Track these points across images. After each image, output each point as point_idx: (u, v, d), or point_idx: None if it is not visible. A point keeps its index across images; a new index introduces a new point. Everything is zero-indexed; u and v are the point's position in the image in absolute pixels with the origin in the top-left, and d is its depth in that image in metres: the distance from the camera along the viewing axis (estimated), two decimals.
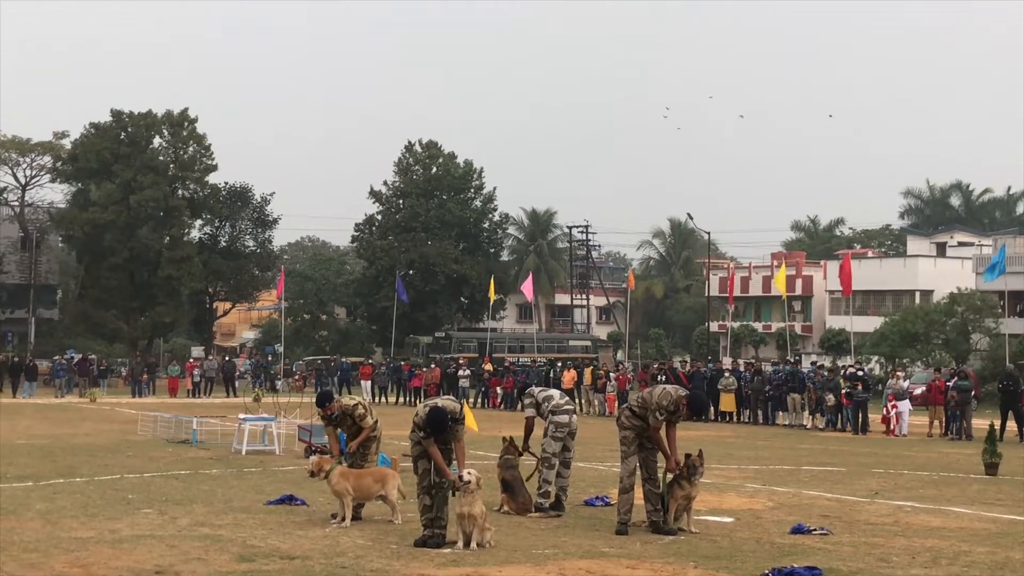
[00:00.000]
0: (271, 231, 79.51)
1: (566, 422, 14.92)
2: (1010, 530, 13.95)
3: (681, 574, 10.71)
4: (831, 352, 61.00)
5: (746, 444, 28.13)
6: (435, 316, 76.00)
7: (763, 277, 79.49)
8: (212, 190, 75.18)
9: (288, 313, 75.81)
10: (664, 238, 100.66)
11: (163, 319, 72.47)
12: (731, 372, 39.09)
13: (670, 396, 13.24)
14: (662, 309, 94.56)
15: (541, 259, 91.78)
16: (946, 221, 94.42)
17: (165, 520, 13.59)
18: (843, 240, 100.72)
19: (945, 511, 15.62)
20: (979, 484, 19.40)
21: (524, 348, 66.24)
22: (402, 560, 11.22)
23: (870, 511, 15.49)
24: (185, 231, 74.18)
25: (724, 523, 14.12)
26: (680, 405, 13.15)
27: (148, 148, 72.38)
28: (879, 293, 71.38)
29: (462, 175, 79.97)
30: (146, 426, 27.65)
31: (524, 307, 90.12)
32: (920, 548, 12.41)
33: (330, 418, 14.57)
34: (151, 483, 17.37)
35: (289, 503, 15.10)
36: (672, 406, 13.13)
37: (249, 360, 68.47)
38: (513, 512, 14.50)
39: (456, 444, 12.58)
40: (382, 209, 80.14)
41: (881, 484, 19.00)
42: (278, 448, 22.66)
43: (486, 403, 45.89)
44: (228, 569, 10.59)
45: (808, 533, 13.27)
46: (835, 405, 34.31)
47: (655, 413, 13.12)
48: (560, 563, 11.15)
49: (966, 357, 53.72)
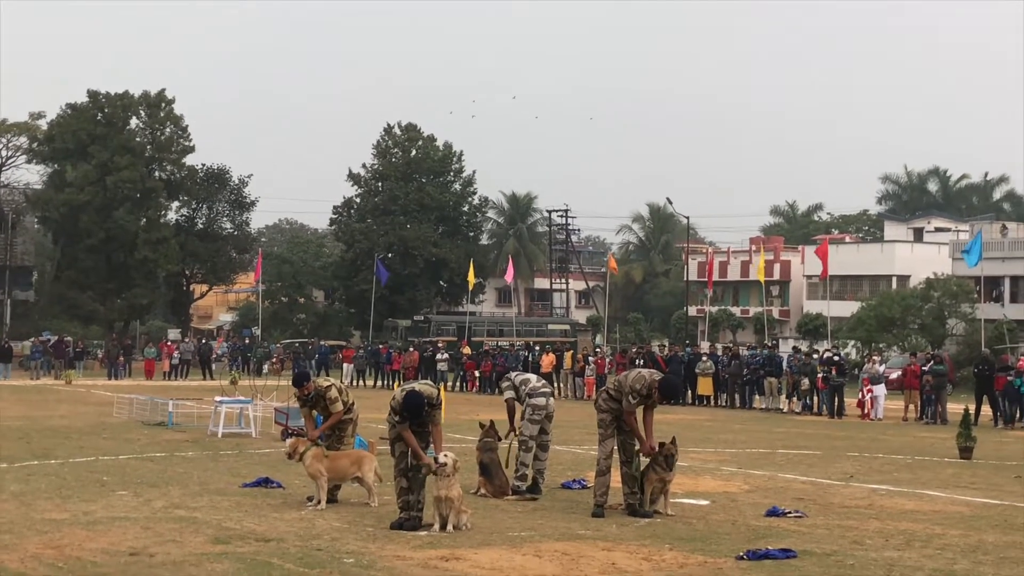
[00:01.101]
0: (248, 213, 79.48)
1: (543, 404, 14.93)
2: (983, 513, 14.04)
3: (656, 556, 10.73)
4: (808, 336, 61.18)
5: (723, 427, 28.22)
6: (414, 300, 75.91)
7: (741, 262, 79.72)
8: (189, 171, 74.93)
9: (265, 296, 75.60)
10: (643, 223, 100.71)
11: (139, 301, 72.23)
12: (709, 356, 39.18)
13: (644, 380, 13.27)
14: (641, 293, 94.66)
15: (520, 243, 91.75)
16: (923, 207, 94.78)
17: (140, 502, 13.55)
18: (821, 225, 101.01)
19: (919, 494, 15.71)
20: (953, 468, 19.52)
21: (503, 332, 66.24)
22: (378, 543, 11.21)
23: (845, 494, 15.56)
24: (162, 213, 73.95)
25: (700, 506, 14.17)
26: (653, 389, 13.18)
27: (125, 129, 72.07)
28: (856, 278, 71.66)
29: (441, 158, 79.82)
30: (122, 408, 27.55)
31: (503, 291, 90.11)
32: (894, 531, 12.47)
33: (306, 399, 14.55)
34: (126, 465, 17.32)
35: (265, 486, 15.07)
36: (645, 390, 13.16)
37: (226, 343, 68.26)
38: (490, 495, 14.51)
39: (433, 428, 12.57)
40: (361, 192, 79.94)
41: (856, 467, 19.10)
42: (254, 431, 22.61)
43: (464, 387, 45.88)
44: (203, 551, 10.57)
45: (783, 516, 13.32)
46: (811, 389, 34.47)
47: (628, 397, 13.16)
48: (536, 545, 11.17)
49: (942, 342, 53.96)
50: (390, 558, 10.41)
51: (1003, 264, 61.19)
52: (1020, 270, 62.62)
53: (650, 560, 10.55)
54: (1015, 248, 63.53)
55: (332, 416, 14.48)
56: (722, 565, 10.40)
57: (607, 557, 10.65)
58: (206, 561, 10.09)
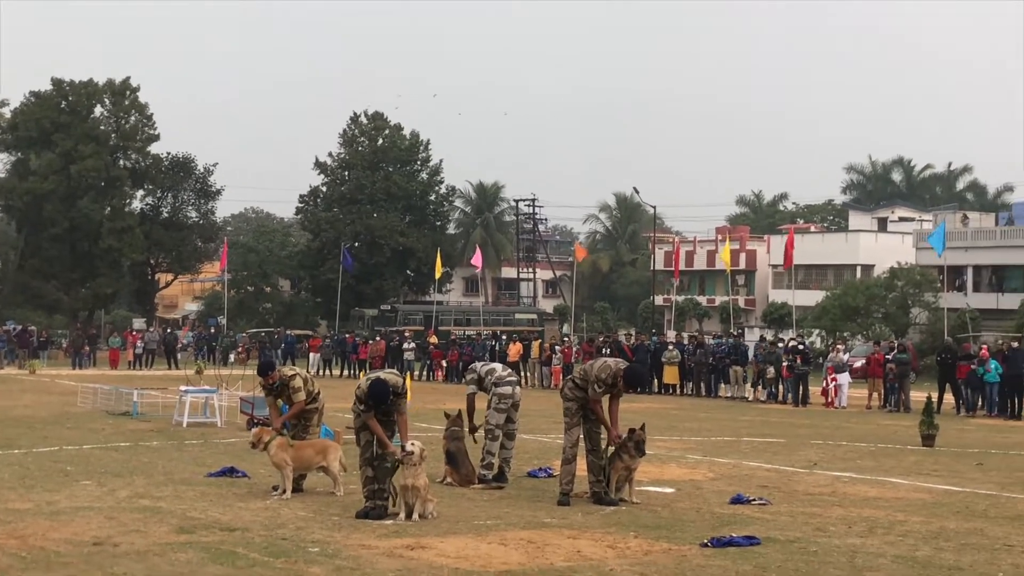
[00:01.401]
0: (214, 202, 79.14)
1: (509, 393, 14.94)
2: (945, 500, 14.18)
3: (622, 544, 10.78)
4: (773, 325, 61.50)
5: (688, 416, 28.34)
6: (380, 289, 75.78)
7: (708, 251, 79.95)
8: (154, 160, 74.50)
9: (231, 285, 75.31)
10: (610, 212, 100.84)
11: (104, 290, 71.80)
12: (675, 345, 39.33)
13: (609, 369, 13.32)
14: (608, 283, 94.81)
15: (488, 232, 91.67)
16: (888, 196, 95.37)
17: (104, 492, 13.49)
18: (786, 215, 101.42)
19: (882, 481, 15.84)
20: (916, 455, 19.68)
21: (470, 321, 66.20)
22: (343, 531, 11.21)
23: (808, 481, 15.68)
24: (126, 201, 73.51)
25: (665, 493, 14.24)
26: (618, 378, 13.23)
27: (89, 117, 71.58)
28: (821, 267, 72.04)
29: (408, 147, 79.63)
30: (86, 398, 27.39)
31: (470, 280, 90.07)
32: (857, 518, 12.57)
33: (271, 388, 14.51)
34: (90, 455, 17.23)
35: (230, 475, 15.03)
36: (610, 379, 13.21)
37: (192, 332, 67.94)
38: (456, 484, 14.53)
39: (399, 417, 12.56)
40: (327, 181, 79.65)
41: (820, 455, 19.23)
42: (220, 420, 22.54)
43: (431, 376, 45.87)
44: (167, 541, 10.53)
45: (747, 503, 13.41)
46: (776, 377, 34.67)
47: (594, 385, 13.21)
48: (502, 533, 11.19)
49: (905, 331, 54.35)
50: (355, 547, 10.41)
51: (966, 254, 61.62)
52: (983, 260, 63.14)
53: (615, 548, 10.60)
54: (978, 238, 64.05)
55: (294, 406, 14.45)
56: (686, 552, 10.46)
57: (572, 545, 10.68)
58: (170, 551, 10.06)
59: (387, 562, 9.78)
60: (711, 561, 10.05)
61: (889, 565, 10.06)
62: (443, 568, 9.57)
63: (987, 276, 63.89)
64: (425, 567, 9.59)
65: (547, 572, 9.51)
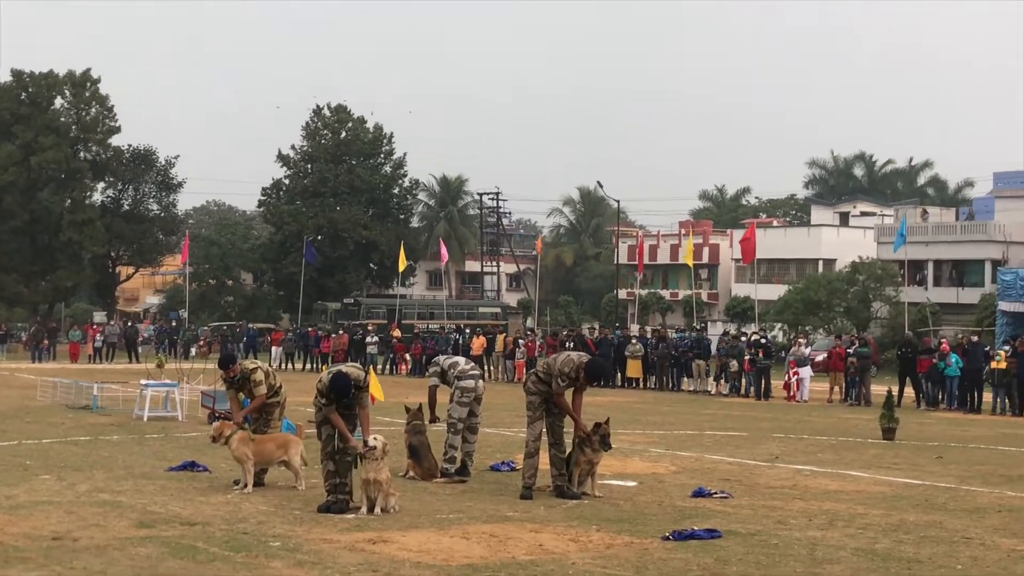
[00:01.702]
0: (176, 195, 78.59)
1: (472, 387, 14.92)
2: (905, 493, 14.28)
3: (584, 537, 10.80)
4: (736, 319, 61.75)
5: (651, 409, 28.43)
6: (344, 282, 75.50)
7: (671, 245, 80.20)
8: (115, 152, 73.94)
9: (193, 278, 74.87)
10: (574, 206, 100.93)
11: (64, 283, 71.24)
12: (638, 339, 39.41)
13: (572, 363, 13.34)
14: (572, 276, 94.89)
15: (451, 226, 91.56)
16: (849, 191, 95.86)
17: (64, 486, 13.39)
18: (749, 209, 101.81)
19: (843, 475, 15.94)
20: (876, 448, 19.82)
21: (434, 315, 66.07)
22: (305, 526, 11.17)
23: (770, 475, 15.76)
24: (87, 194, 72.93)
25: (627, 487, 14.27)
26: (580, 372, 13.25)
27: (49, 109, 70.99)
28: (783, 261, 72.40)
29: (372, 140, 79.34)
30: (46, 392, 27.18)
31: (434, 274, 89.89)
32: (817, 511, 12.65)
33: (232, 381, 14.42)
34: (50, 449, 17.10)
35: (191, 469, 14.96)
36: (574, 372, 13.23)
37: (153, 326, 67.51)
38: (418, 478, 14.51)
39: (360, 411, 12.53)
40: (290, 173, 79.24)
41: (781, 448, 19.33)
42: (181, 414, 22.42)
43: (394, 370, 45.79)
44: (127, 535, 10.47)
45: (709, 496, 13.47)
46: (739, 371, 34.82)
47: (557, 379, 13.23)
48: (464, 527, 11.19)
49: (867, 325, 54.72)
50: (317, 541, 10.38)
51: (926, 248, 62.13)
52: (943, 254, 63.65)
53: (577, 541, 10.61)
54: (939, 232, 64.57)
55: (255, 399, 14.36)
56: (648, 545, 10.48)
57: (534, 539, 10.69)
58: (130, 545, 10.00)
59: (349, 556, 9.76)
60: (673, 554, 10.08)
61: (849, 558, 10.12)
62: (405, 562, 9.55)
63: (947, 271, 64.44)
64: (387, 561, 9.58)
65: (509, 566, 9.51)
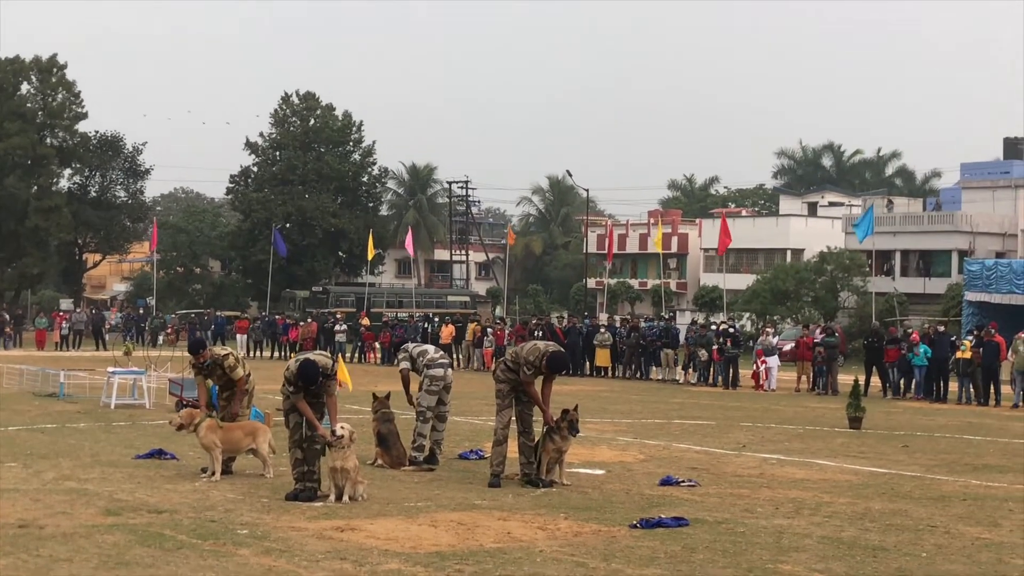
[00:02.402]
0: (143, 181, 78.32)
1: (441, 376, 14.93)
2: (871, 481, 14.38)
3: (552, 525, 10.83)
4: (705, 309, 61.88)
5: (620, 398, 28.50)
6: (312, 270, 75.25)
7: (640, 235, 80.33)
8: (82, 139, 73.55)
9: (160, 266, 74.51)
10: (543, 195, 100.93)
11: (31, 270, 70.82)
12: (607, 328, 39.48)
13: (538, 351, 13.38)
14: (541, 265, 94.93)
15: (421, 214, 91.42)
16: (818, 181, 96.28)
17: (30, 474, 13.33)
18: (718, 199, 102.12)
19: (809, 463, 16.04)
20: (843, 437, 19.94)
21: (403, 303, 65.98)
22: (273, 513, 11.16)
23: (737, 463, 15.84)
24: (54, 180, 72.51)
25: (595, 475, 14.32)
26: (543, 361, 13.28)
27: (15, 95, 70.52)
28: (752, 251, 72.63)
29: (340, 128, 79.00)
30: (12, 379, 27.02)
31: (403, 262, 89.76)
32: (784, 499, 12.72)
33: (201, 366, 14.33)
34: (16, 437, 17.01)
35: (159, 457, 14.92)
36: (539, 361, 13.27)
37: (120, 313, 67.14)
38: (387, 466, 14.51)
39: (328, 399, 12.52)
40: (258, 161, 78.82)
41: (749, 437, 19.43)
42: (148, 402, 22.35)
43: (363, 358, 45.72)
44: (94, 523, 10.43)
45: (677, 485, 13.53)
46: (707, 360, 34.94)
47: (524, 368, 13.26)
48: (432, 515, 11.20)
49: (834, 314, 54.96)
50: (285, 529, 10.37)
51: (894, 238, 62.50)
52: (910, 244, 64.02)
53: (545, 529, 10.65)
54: (906, 223, 64.94)
55: (238, 383, 14.23)
56: (616, 533, 10.52)
57: (502, 527, 10.72)
58: (97, 533, 9.96)
59: (317, 544, 9.75)
60: (640, 542, 10.12)
61: (815, 545, 10.19)
62: (373, 550, 9.56)
63: (914, 261, 64.82)
64: (355, 549, 9.58)
65: (477, 554, 9.53)
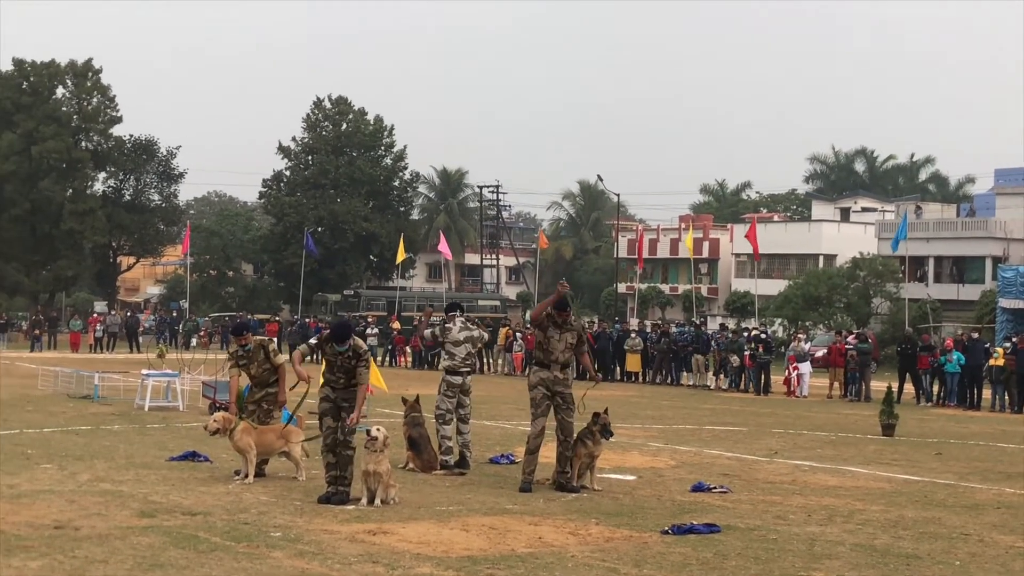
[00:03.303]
0: (177, 185, 78.66)
1: (459, 383, 14.94)
2: (904, 489, 14.31)
3: (583, 531, 10.83)
4: (736, 314, 61.78)
5: (651, 404, 28.44)
6: (344, 274, 75.47)
7: (671, 240, 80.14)
8: (116, 142, 73.99)
9: (193, 269, 74.88)
10: (574, 199, 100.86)
11: (65, 273, 71.32)
12: (637, 333, 39.43)
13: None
14: (571, 270, 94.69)
15: (451, 218, 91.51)
16: (850, 187, 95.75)
17: (65, 475, 13.42)
18: (750, 204, 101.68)
19: (842, 470, 15.97)
20: (876, 444, 19.84)
21: (433, 307, 66.04)
22: (306, 516, 11.20)
23: (769, 470, 15.78)
24: (88, 183, 73.03)
25: (627, 481, 14.30)
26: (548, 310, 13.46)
27: (51, 98, 71.04)
28: (784, 257, 72.34)
29: (372, 132, 79.22)
30: (47, 381, 27.21)
31: (434, 266, 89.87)
32: (816, 506, 12.67)
33: (243, 349, 14.38)
34: (51, 438, 17.13)
35: (192, 459, 14.99)
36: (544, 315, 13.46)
37: (153, 316, 67.53)
38: (418, 469, 14.54)
39: (359, 387, 12.28)
40: (290, 165, 79.16)
41: (780, 444, 19.36)
42: (182, 404, 22.46)
43: (394, 362, 45.80)
44: (129, 524, 10.49)
45: (708, 491, 13.48)
46: (738, 366, 34.83)
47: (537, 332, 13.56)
48: (464, 519, 11.22)
49: (867, 321, 54.72)
50: (318, 532, 10.41)
51: (927, 244, 62.13)
52: (944, 251, 63.61)
53: (576, 535, 10.64)
54: (939, 229, 64.53)
55: (280, 368, 14.41)
56: (647, 539, 10.51)
57: (534, 531, 10.72)
58: (132, 534, 10.02)
59: (349, 547, 9.79)
60: (672, 548, 10.11)
61: (848, 553, 10.15)
62: (405, 553, 9.58)
63: (948, 267, 64.40)
64: (387, 552, 9.61)
65: (509, 558, 9.54)
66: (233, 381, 14.71)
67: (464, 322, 15.29)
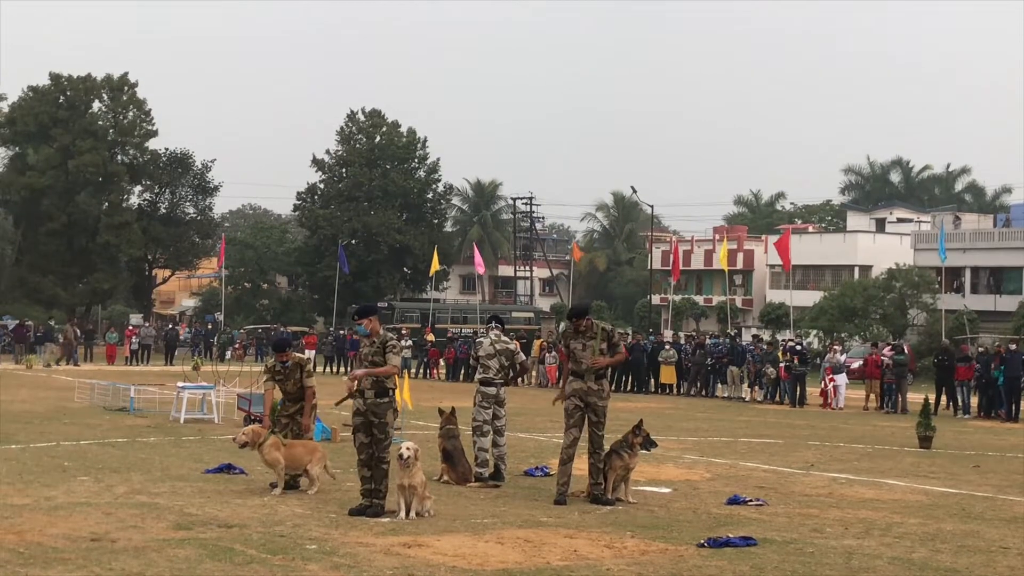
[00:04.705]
0: (212, 198, 79.03)
1: (493, 394, 14.99)
2: (942, 502, 14.18)
3: (618, 543, 10.78)
4: (771, 326, 61.44)
5: (685, 416, 28.33)
6: (377, 286, 75.67)
7: (705, 251, 79.98)
8: (152, 156, 74.49)
9: (229, 281, 75.24)
10: (607, 211, 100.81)
11: (101, 286, 71.82)
12: (671, 345, 39.31)
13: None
14: (605, 282, 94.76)
15: (485, 230, 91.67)
16: (886, 197, 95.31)
17: (101, 488, 13.49)
18: (784, 215, 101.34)
19: (879, 483, 15.85)
20: (913, 457, 19.69)
21: (467, 319, 66.10)
22: (341, 529, 11.21)
23: (805, 483, 15.68)
24: (124, 197, 73.56)
25: (662, 493, 14.24)
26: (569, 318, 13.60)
27: (87, 112, 71.63)
28: (819, 268, 72.04)
29: (405, 144, 79.48)
30: (83, 394, 27.39)
31: (467, 278, 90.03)
32: (853, 519, 12.58)
33: (283, 366, 14.46)
34: (87, 451, 17.23)
35: (227, 472, 15.04)
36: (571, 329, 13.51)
37: (189, 329, 67.88)
38: (453, 482, 14.53)
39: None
40: (324, 178, 79.52)
41: (817, 456, 19.23)
42: (217, 417, 22.55)
43: (428, 374, 45.86)
44: (165, 537, 10.53)
45: (744, 504, 13.41)
46: (774, 378, 34.67)
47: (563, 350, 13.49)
48: (499, 532, 11.19)
49: (903, 332, 54.41)
50: (353, 544, 10.41)
51: (964, 255, 61.73)
52: (981, 261, 63.19)
53: (612, 547, 10.60)
54: (976, 239, 64.09)
55: (307, 394, 14.47)
56: (683, 552, 10.46)
57: (569, 544, 10.68)
58: (168, 547, 10.05)
59: (384, 560, 9.78)
60: (708, 561, 10.05)
61: (885, 567, 10.06)
62: (440, 566, 9.57)
63: (985, 278, 63.94)
64: (422, 565, 9.60)
65: (544, 571, 9.51)
66: (268, 394, 14.78)
67: (498, 335, 15.31)
